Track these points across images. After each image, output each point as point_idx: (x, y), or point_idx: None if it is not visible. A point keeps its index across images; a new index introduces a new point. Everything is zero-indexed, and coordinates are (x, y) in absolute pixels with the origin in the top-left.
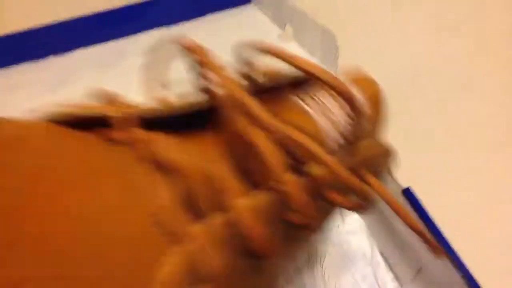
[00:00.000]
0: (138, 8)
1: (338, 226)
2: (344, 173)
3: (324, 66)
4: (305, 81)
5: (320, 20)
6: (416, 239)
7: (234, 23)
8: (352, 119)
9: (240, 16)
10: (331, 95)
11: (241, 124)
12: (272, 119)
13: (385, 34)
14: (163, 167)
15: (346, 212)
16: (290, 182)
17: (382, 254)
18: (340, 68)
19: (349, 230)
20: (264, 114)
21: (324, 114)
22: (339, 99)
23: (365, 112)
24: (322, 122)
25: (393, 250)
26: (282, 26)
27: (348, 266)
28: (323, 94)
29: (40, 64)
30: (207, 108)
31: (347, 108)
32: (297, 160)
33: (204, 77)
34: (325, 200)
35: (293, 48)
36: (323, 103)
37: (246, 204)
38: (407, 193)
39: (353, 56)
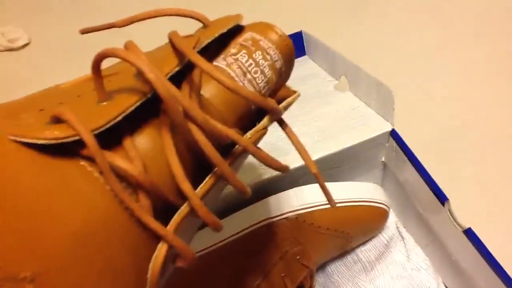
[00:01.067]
0: None
1: (404, 264)
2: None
3: (380, 118)
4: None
5: (372, 73)
6: (479, 275)
7: (292, 74)
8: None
9: (296, 67)
10: (248, 53)
11: (179, 118)
12: (202, 115)
13: (422, 88)
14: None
15: (410, 248)
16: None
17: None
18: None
19: (414, 266)
20: (197, 111)
21: (245, 74)
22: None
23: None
24: (245, 83)
25: (458, 285)
26: (337, 77)
27: None
28: (242, 53)
29: None
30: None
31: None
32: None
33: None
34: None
35: (349, 98)
36: (242, 63)
37: (199, 192)
38: (470, 234)
39: (405, 105)
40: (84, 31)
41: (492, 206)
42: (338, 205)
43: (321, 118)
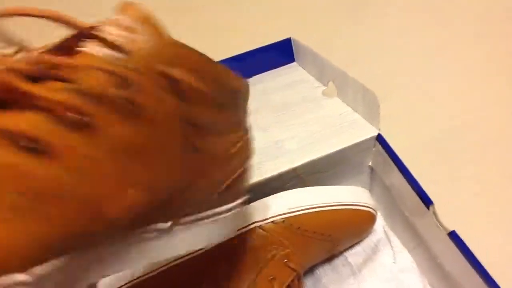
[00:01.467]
0: None
1: (391, 267)
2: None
3: (367, 122)
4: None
5: (359, 78)
6: (463, 277)
7: (281, 80)
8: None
9: (285, 74)
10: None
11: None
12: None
13: (422, 88)
14: None
15: (397, 251)
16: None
17: None
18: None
19: (401, 268)
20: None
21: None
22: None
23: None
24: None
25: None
26: (325, 83)
27: None
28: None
29: None
30: None
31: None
32: None
33: None
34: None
35: (337, 103)
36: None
37: None
38: (454, 236)
39: (392, 110)
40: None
41: (492, 206)
42: (324, 208)
43: (309, 123)
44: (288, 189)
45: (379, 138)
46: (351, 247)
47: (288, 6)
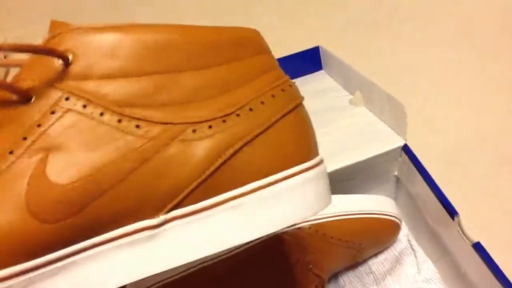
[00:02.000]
0: None
1: (414, 276)
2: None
3: (393, 133)
4: None
5: (385, 88)
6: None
7: (308, 88)
8: None
9: (313, 82)
10: None
11: None
12: None
13: (448, 99)
14: None
15: (421, 261)
16: None
17: None
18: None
19: (424, 278)
20: None
21: None
22: None
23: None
24: None
25: None
26: (352, 92)
27: None
28: None
29: None
30: None
31: None
32: None
33: None
34: None
35: (364, 112)
36: None
37: None
38: (478, 247)
39: (417, 121)
40: None
41: (505, 221)
42: (350, 216)
43: (335, 132)
44: None
45: (405, 148)
46: (375, 255)
47: (317, 15)
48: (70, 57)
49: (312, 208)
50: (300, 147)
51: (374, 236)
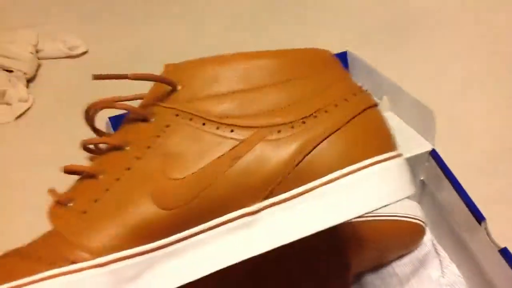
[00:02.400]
0: None
1: (439, 280)
2: None
3: (421, 138)
4: None
5: (417, 91)
6: None
7: None
8: None
9: None
10: None
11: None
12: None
13: (476, 105)
14: None
15: (446, 265)
16: None
17: None
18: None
19: (448, 282)
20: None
21: None
22: None
23: None
24: None
25: None
26: (379, 97)
27: None
28: None
29: None
30: None
31: None
32: None
33: None
34: None
35: (391, 117)
36: None
37: None
38: (505, 253)
39: (443, 126)
40: (96, 78)
41: None
42: (375, 218)
43: None
44: None
45: (433, 153)
46: (399, 258)
47: (345, 20)
48: (179, 85)
49: (391, 196)
50: (376, 140)
51: (399, 239)
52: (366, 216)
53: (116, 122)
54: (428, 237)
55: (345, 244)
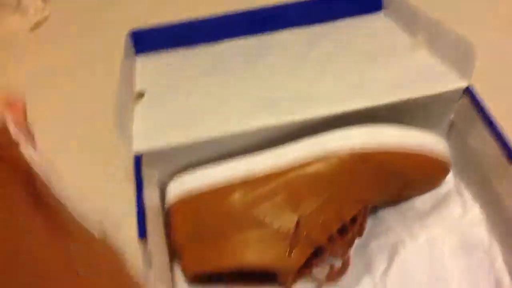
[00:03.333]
0: (278, 8)
1: (459, 219)
2: None
3: (456, 74)
4: None
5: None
6: None
7: (364, 30)
8: None
9: (370, 23)
10: None
11: None
12: None
13: None
14: None
15: (468, 204)
16: None
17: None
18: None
19: (468, 222)
20: None
21: None
22: None
23: None
24: None
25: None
26: (413, 34)
27: (467, 253)
28: None
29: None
30: None
31: None
32: None
33: None
34: None
35: (426, 55)
36: None
37: None
38: None
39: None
40: None
41: None
42: (403, 150)
43: (393, 72)
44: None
45: (469, 90)
46: (420, 195)
47: None
48: None
49: None
50: None
51: (423, 172)
52: (396, 147)
53: (137, 37)
54: (452, 176)
55: (370, 171)
